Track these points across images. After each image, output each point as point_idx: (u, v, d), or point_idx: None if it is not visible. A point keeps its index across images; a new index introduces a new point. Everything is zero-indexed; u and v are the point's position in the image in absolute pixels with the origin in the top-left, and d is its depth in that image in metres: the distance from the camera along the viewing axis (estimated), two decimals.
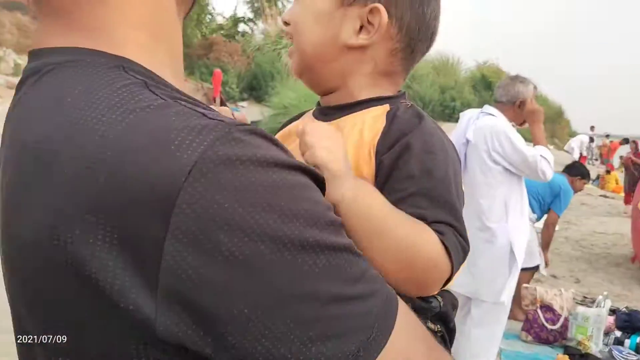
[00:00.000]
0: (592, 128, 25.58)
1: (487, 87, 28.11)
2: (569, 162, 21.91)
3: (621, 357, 3.77)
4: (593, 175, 16.78)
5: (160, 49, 0.62)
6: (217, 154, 0.47)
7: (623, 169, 15.09)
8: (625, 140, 14.52)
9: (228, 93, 19.27)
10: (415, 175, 0.80)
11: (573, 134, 27.32)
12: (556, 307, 4.33)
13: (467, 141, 3.16)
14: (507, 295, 3.17)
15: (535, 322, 4.35)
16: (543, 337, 4.33)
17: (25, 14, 19.99)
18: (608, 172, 16.63)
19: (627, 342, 4.26)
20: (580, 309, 4.31)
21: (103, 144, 0.47)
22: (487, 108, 3.29)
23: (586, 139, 22.52)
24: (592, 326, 4.18)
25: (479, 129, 3.16)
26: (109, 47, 0.56)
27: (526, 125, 3.37)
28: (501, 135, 3.08)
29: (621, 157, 21.58)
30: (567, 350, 4.10)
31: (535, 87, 3.32)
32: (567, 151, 22.45)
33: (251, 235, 0.47)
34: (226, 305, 0.47)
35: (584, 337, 4.14)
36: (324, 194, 0.56)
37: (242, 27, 30.12)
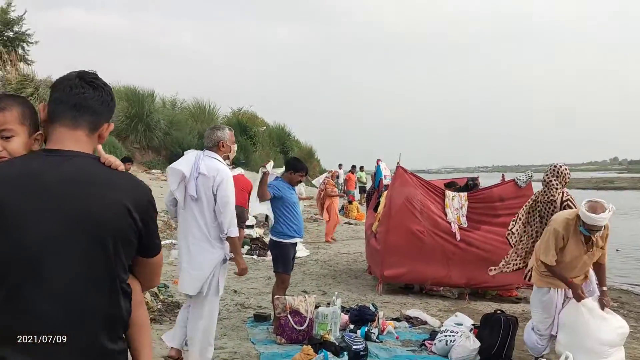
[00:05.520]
0: (340, 166, 27.67)
1: (243, 131, 29.56)
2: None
3: (350, 340, 4.67)
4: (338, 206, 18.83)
5: None
6: None
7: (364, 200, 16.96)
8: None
9: None
10: None
11: (324, 171, 29.97)
12: (302, 310, 5.14)
13: (199, 174, 4.00)
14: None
15: (287, 326, 5.09)
16: (294, 338, 5.08)
17: None
18: (350, 202, 18.63)
19: (359, 332, 5.27)
20: (320, 309, 5.19)
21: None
22: (207, 152, 4.20)
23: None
24: (330, 322, 5.08)
25: (210, 167, 4.04)
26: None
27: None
28: (225, 179, 4.06)
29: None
30: (310, 341, 4.90)
31: (230, 129, 4.33)
32: (315, 186, 24.77)
33: None
34: None
35: (325, 332, 5.01)
36: None
37: None
